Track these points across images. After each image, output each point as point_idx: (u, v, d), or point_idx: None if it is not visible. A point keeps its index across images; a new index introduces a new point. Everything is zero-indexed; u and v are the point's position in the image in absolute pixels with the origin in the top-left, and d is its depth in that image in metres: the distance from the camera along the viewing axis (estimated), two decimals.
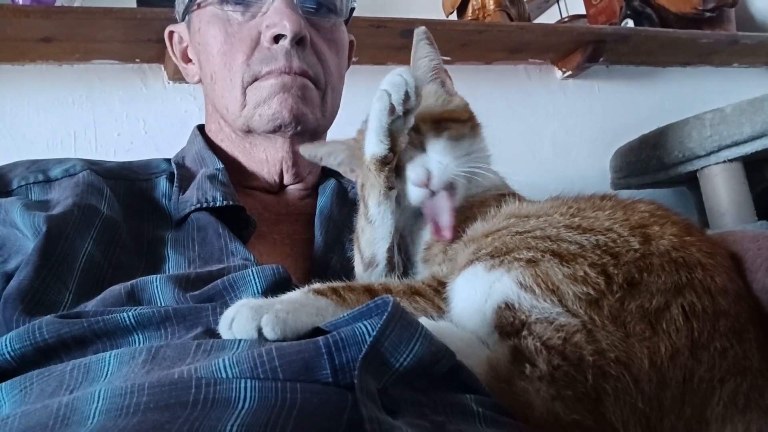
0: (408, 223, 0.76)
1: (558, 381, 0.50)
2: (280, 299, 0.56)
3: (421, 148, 0.73)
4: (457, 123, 0.76)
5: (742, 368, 0.52)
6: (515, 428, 0.48)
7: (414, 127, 0.70)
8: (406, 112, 0.67)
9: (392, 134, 0.67)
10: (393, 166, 0.70)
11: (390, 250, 0.72)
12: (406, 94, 0.65)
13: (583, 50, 1.86)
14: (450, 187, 0.71)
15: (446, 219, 0.70)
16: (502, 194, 0.73)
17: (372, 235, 0.72)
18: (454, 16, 1.90)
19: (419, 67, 0.79)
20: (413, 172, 0.70)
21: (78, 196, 0.77)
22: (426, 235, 0.73)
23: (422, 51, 0.79)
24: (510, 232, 0.61)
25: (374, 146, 0.68)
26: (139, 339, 0.59)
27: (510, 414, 0.49)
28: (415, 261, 0.75)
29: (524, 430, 0.48)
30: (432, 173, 0.70)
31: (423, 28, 0.79)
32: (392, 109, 0.65)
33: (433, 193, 0.71)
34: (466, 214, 0.71)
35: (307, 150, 0.86)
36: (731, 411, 0.50)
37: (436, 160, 0.71)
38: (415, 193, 0.71)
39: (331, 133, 1.00)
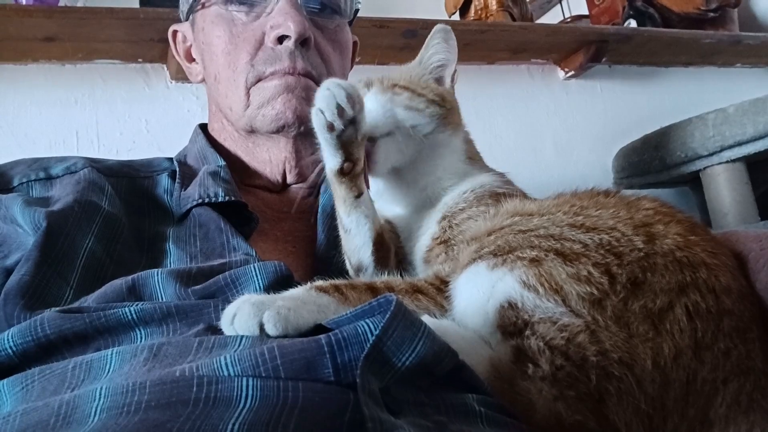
0: (407, 225, 0.76)
1: (560, 381, 0.49)
2: (282, 296, 0.56)
3: None
4: (420, 96, 0.73)
5: (746, 369, 0.52)
6: (517, 428, 0.48)
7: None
8: (353, 121, 0.63)
9: (345, 145, 0.64)
10: (356, 173, 0.67)
11: (374, 254, 0.71)
12: (338, 106, 0.61)
13: (586, 50, 1.86)
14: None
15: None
16: (502, 193, 0.72)
17: (352, 244, 0.72)
18: (456, 16, 1.90)
19: (422, 64, 0.78)
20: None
21: (79, 192, 0.77)
22: (426, 238, 0.73)
23: (431, 49, 0.78)
24: (513, 230, 0.60)
25: (329, 161, 0.67)
26: (140, 335, 0.59)
27: (512, 414, 0.49)
28: (414, 261, 0.75)
29: (526, 430, 0.48)
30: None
31: (445, 26, 0.77)
32: (330, 126, 0.63)
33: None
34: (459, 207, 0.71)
35: None
36: (734, 412, 0.50)
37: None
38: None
39: None
